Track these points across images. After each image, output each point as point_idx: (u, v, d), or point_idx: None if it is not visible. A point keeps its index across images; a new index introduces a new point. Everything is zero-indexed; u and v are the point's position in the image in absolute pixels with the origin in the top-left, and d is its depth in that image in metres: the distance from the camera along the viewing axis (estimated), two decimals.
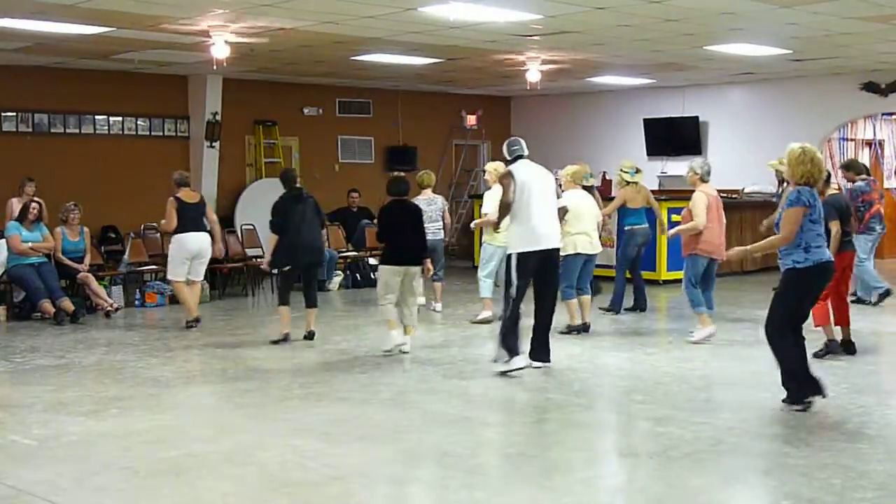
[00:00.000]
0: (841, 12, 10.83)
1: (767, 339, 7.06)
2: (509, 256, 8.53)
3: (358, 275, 15.28)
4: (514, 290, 8.43)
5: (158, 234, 14.59)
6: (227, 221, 16.44)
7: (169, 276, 11.57)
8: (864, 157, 19.14)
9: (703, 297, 9.87)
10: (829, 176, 9.31)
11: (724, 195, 13.52)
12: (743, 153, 17.56)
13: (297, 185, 10.42)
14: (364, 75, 16.70)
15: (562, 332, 10.12)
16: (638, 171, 12.18)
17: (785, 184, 11.72)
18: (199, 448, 6.31)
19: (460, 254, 19.08)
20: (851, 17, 11.14)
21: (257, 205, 11.85)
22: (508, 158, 8.98)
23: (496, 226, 9.34)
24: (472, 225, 11.60)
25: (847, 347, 9.00)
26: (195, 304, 11.39)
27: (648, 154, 18.74)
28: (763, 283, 12.56)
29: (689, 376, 8.43)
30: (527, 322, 8.67)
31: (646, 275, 14.80)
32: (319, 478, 5.70)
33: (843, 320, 9.03)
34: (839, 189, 9.99)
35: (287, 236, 9.97)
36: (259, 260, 11.03)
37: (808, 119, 17.21)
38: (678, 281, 14.11)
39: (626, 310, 11.93)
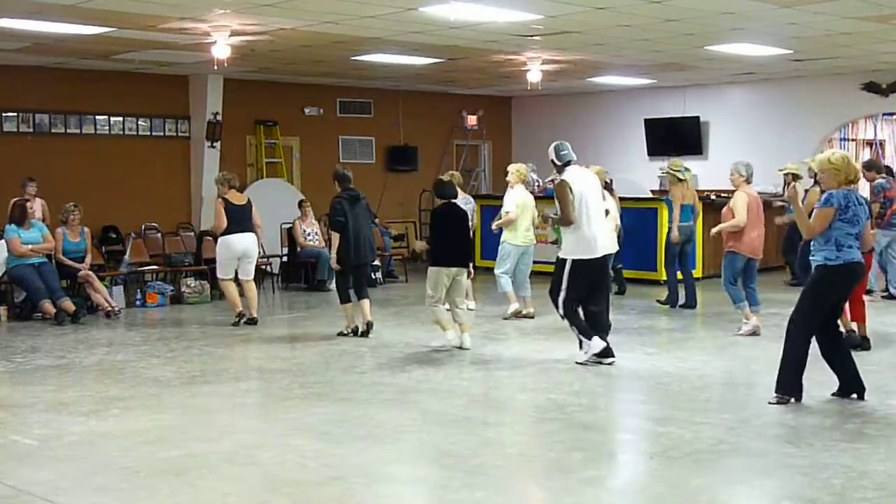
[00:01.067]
0: (841, 12, 10.83)
1: (787, 331, 7.18)
2: (563, 262, 8.68)
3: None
4: (563, 296, 8.65)
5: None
6: None
7: (218, 275, 11.67)
8: (865, 158, 19.16)
9: (743, 293, 10.30)
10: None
11: (726, 195, 13.56)
12: (744, 153, 17.41)
13: (352, 185, 10.62)
14: (365, 75, 16.70)
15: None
16: (687, 169, 12.52)
17: (793, 184, 12.14)
18: (200, 448, 6.31)
19: None
20: (852, 17, 11.14)
21: (258, 205, 11.82)
22: (559, 164, 8.93)
23: (562, 223, 9.00)
24: (493, 226, 11.50)
25: (862, 343, 9.22)
26: (255, 303, 11.53)
27: (649, 154, 18.76)
28: (768, 284, 12.54)
29: (689, 376, 8.43)
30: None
31: (648, 275, 14.87)
32: (320, 478, 5.70)
33: (858, 316, 9.30)
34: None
35: (349, 235, 10.26)
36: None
37: (808, 119, 17.23)
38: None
39: (680, 306, 12.24)
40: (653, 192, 17.09)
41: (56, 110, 15.51)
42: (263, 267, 14.76)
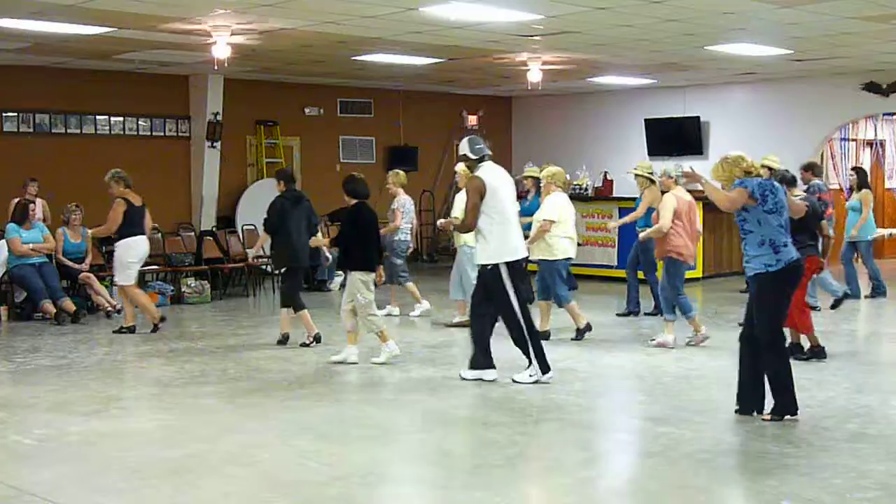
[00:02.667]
0: (842, 12, 10.83)
1: (766, 349, 6.72)
2: (487, 268, 8.02)
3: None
4: (514, 303, 7.99)
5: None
6: (228, 221, 16.47)
7: (119, 282, 10.96)
8: (866, 158, 19.16)
9: (688, 302, 9.70)
10: (793, 178, 9.32)
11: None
12: (744, 153, 17.53)
13: (296, 186, 10.29)
14: (365, 75, 16.70)
15: (574, 339, 10.05)
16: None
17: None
18: (200, 448, 6.31)
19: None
20: (852, 17, 11.14)
21: (258, 205, 11.82)
22: (473, 158, 8.29)
23: (463, 230, 8.81)
24: (438, 223, 10.43)
25: (817, 354, 8.85)
26: (133, 310, 11.00)
27: (650, 154, 18.73)
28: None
29: (689, 376, 8.44)
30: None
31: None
32: (320, 478, 5.70)
33: (804, 327, 8.85)
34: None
35: (287, 238, 9.85)
36: (259, 259, 10.70)
37: (809, 119, 17.22)
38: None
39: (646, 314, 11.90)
40: None
41: (56, 110, 15.51)
42: (264, 267, 14.77)
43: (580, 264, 13.71)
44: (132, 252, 10.81)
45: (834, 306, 11.87)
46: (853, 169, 14.21)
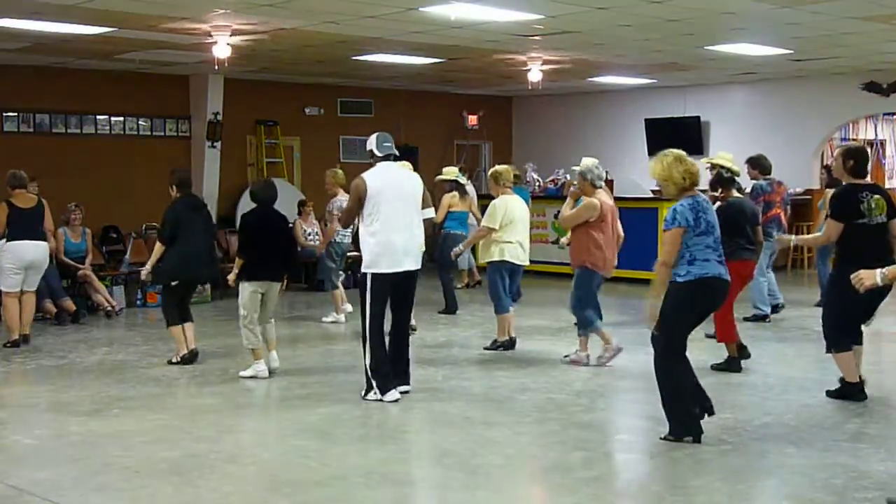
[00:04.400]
0: (842, 12, 10.82)
1: (655, 359, 6.41)
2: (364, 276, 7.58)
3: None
4: (368, 315, 7.51)
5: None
6: (228, 221, 16.46)
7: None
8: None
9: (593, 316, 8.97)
10: (731, 179, 9.09)
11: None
12: (745, 153, 17.46)
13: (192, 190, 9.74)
14: (365, 75, 16.70)
15: (487, 348, 9.81)
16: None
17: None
18: (200, 448, 6.31)
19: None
20: (852, 17, 11.13)
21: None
22: (379, 155, 7.81)
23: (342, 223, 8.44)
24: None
25: (729, 365, 8.67)
26: (30, 319, 10.45)
27: (650, 154, 18.67)
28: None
29: None
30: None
31: (649, 275, 14.81)
32: (320, 478, 5.70)
33: (727, 336, 8.67)
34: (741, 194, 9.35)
35: (181, 247, 9.02)
36: (142, 269, 9.44)
37: (809, 119, 17.22)
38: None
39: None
40: (653, 191, 17.10)
41: (56, 110, 15.50)
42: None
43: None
44: (11, 259, 10.11)
45: (751, 318, 11.19)
46: (824, 167, 13.53)
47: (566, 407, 7.41)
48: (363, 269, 7.58)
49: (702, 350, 9.57)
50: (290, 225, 9.04)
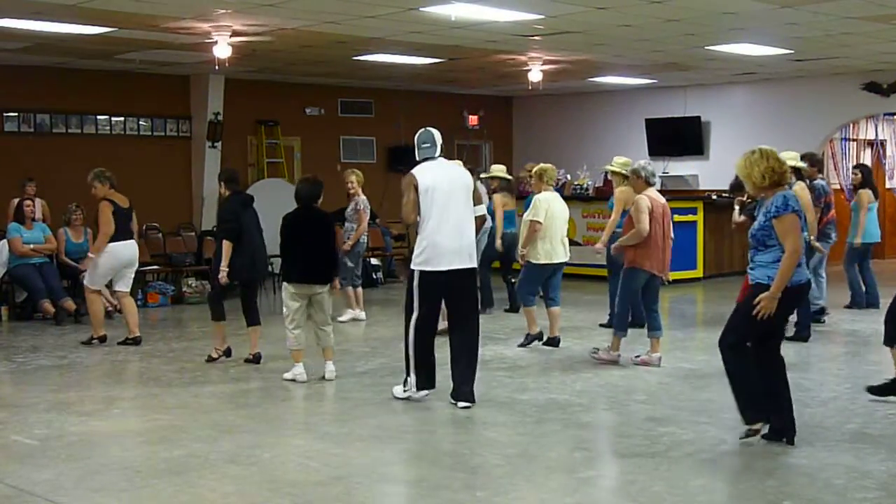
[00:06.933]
0: (842, 12, 10.83)
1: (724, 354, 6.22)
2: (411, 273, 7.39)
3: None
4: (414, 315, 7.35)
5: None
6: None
7: (88, 283, 10.23)
8: (866, 158, 19.15)
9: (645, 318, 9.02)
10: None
11: (727, 196, 13.53)
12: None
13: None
14: (366, 75, 16.71)
15: (521, 345, 9.87)
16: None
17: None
18: (201, 448, 6.31)
19: None
20: (853, 17, 11.14)
21: (259, 205, 11.78)
22: (419, 159, 7.55)
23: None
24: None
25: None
26: (136, 319, 10.30)
27: (650, 154, 18.73)
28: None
29: (690, 376, 8.44)
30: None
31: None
32: (320, 478, 5.70)
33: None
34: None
35: (243, 245, 8.89)
36: (220, 272, 8.90)
37: (809, 119, 17.22)
38: (685, 280, 14.22)
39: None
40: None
41: (56, 110, 15.51)
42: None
43: (580, 264, 13.69)
44: (114, 260, 10.01)
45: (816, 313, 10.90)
46: (856, 167, 13.27)
47: (566, 407, 7.41)
48: (412, 266, 7.40)
49: (702, 350, 9.57)
50: (335, 225, 8.77)
